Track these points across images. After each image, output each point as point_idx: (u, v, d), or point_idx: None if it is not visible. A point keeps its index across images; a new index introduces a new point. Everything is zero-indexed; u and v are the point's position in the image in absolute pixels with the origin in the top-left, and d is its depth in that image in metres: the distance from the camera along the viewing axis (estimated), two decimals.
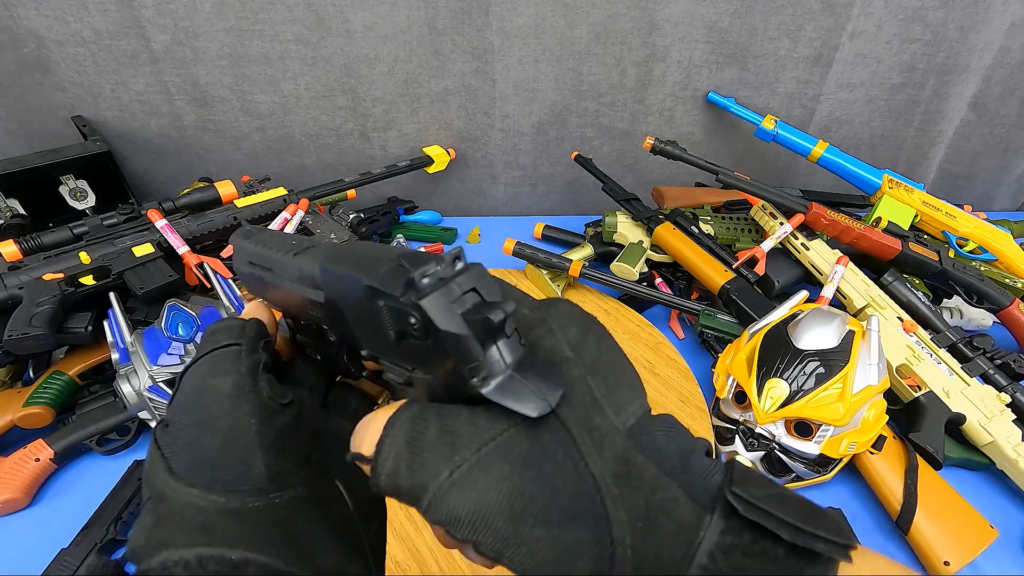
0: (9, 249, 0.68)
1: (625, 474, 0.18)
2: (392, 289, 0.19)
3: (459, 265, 0.19)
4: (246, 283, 0.30)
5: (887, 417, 0.63)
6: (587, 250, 0.91)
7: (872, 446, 0.62)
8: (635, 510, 0.18)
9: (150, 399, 0.60)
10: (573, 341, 0.21)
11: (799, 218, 0.82)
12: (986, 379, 0.70)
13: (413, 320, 0.18)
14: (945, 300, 0.86)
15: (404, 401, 0.21)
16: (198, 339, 0.63)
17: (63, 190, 0.83)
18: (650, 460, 0.19)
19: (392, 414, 0.20)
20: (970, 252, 0.90)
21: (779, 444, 0.60)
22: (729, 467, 0.19)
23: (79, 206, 0.84)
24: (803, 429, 0.60)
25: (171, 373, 0.61)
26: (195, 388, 0.24)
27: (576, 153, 1.00)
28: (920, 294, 0.79)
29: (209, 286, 0.72)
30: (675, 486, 0.18)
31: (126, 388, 0.60)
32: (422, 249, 0.94)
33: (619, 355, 0.22)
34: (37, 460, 0.61)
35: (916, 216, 0.90)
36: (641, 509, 0.18)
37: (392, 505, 0.59)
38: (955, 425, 0.67)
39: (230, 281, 0.72)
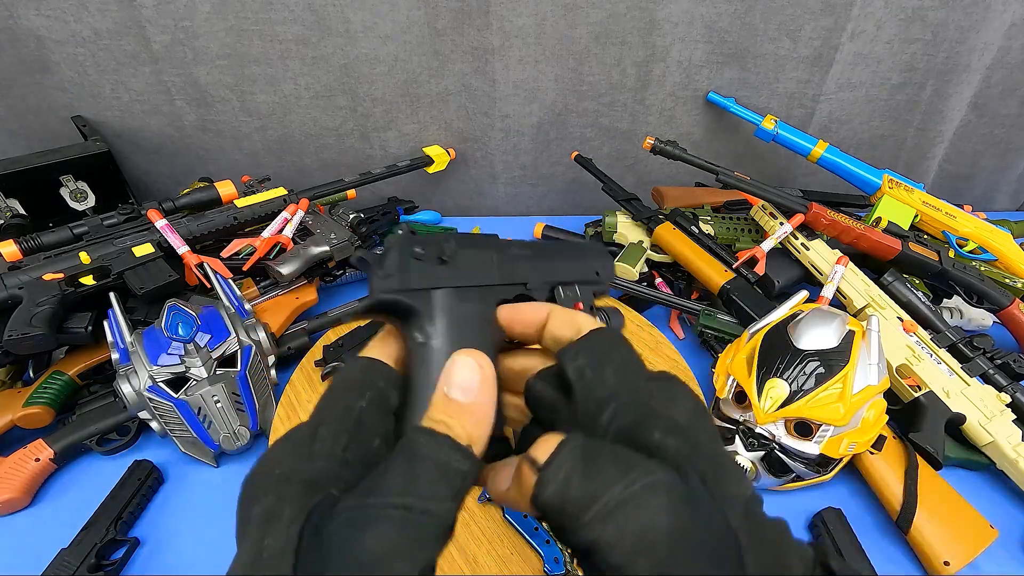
0: (9, 249, 0.68)
1: (752, 534, 0.20)
2: None
3: None
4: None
5: (887, 417, 0.63)
6: None
7: (872, 446, 0.62)
8: (765, 566, 0.19)
9: (150, 399, 0.60)
10: (692, 416, 0.22)
11: (799, 218, 0.82)
12: (986, 379, 0.70)
13: None
14: (945, 300, 0.86)
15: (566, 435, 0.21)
16: (198, 339, 0.63)
17: (63, 192, 0.83)
18: (767, 528, 0.20)
19: (565, 437, 0.21)
20: (970, 252, 0.90)
21: (779, 444, 0.60)
22: (811, 545, 0.21)
23: (79, 207, 0.84)
24: (803, 429, 0.60)
25: (171, 373, 0.61)
26: (372, 558, 0.18)
27: (576, 153, 1.00)
28: (920, 294, 0.79)
29: (209, 286, 0.72)
30: (789, 549, 0.20)
31: (126, 388, 0.60)
32: None
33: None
34: (37, 460, 0.61)
35: (916, 216, 0.90)
36: (770, 566, 0.19)
37: None
38: (955, 425, 0.67)
39: (230, 281, 0.73)
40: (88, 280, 0.70)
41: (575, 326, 0.25)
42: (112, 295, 0.67)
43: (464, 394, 0.22)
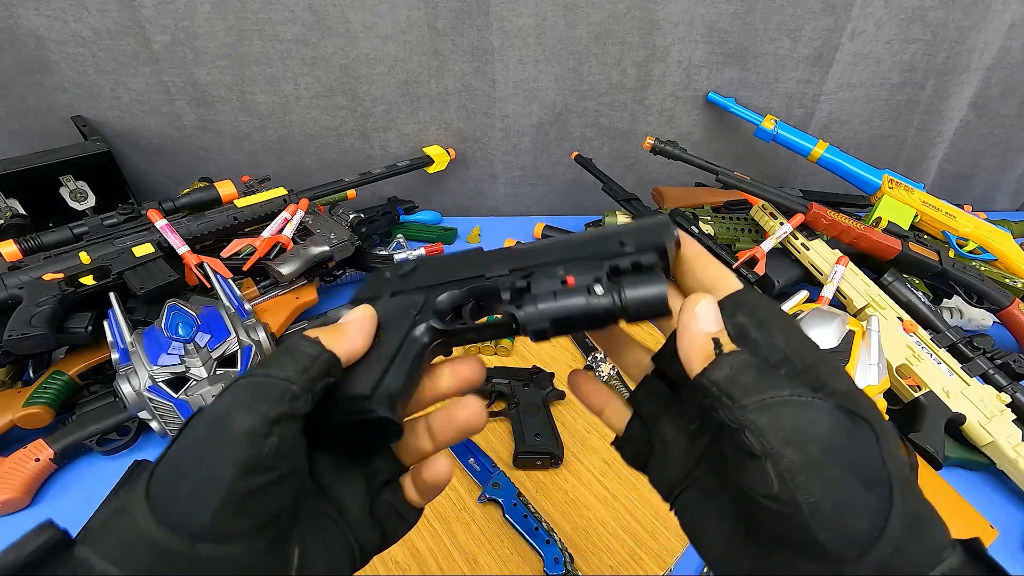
0: (9, 249, 0.68)
1: (907, 484, 0.20)
2: None
3: None
4: None
5: (887, 417, 0.63)
6: None
7: None
8: (909, 512, 0.20)
9: (150, 399, 0.60)
10: (854, 385, 0.23)
11: (799, 218, 0.82)
12: (986, 379, 0.70)
13: None
14: (945, 300, 0.86)
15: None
16: (198, 339, 0.63)
17: (63, 192, 0.83)
18: (919, 491, 0.21)
19: (738, 292, 0.25)
20: (970, 252, 0.90)
21: None
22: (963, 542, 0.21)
23: (79, 207, 0.84)
24: None
25: (171, 373, 0.61)
26: (217, 413, 0.22)
27: (576, 153, 1.00)
28: (920, 294, 0.79)
29: (209, 286, 0.72)
30: (935, 514, 0.21)
31: (126, 388, 0.60)
32: (422, 250, 0.94)
33: None
34: (37, 460, 0.61)
35: (916, 216, 0.90)
36: (913, 513, 0.20)
37: None
38: (955, 425, 0.67)
39: (230, 281, 0.72)
40: (88, 280, 0.70)
41: (720, 277, 0.26)
42: (112, 295, 0.67)
43: (343, 320, 0.28)
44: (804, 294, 0.73)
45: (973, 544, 0.20)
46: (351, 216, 0.91)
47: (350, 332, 0.27)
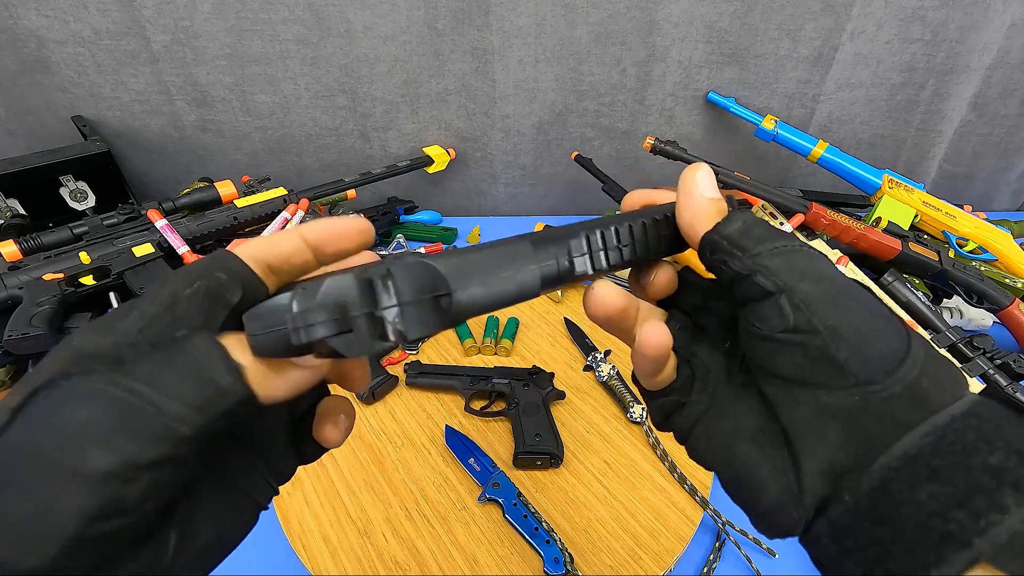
0: (9, 249, 0.68)
1: (916, 334, 0.21)
2: None
3: None
4: None
5: None
6: None
7: None
8: (927, 347, 0.20)
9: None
10: None
11: (799, 218, 0.82)
12: (986, 379, 0.70)
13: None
14: (945, 300, 0.86)
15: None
16: None
17: (63, 191, 0.83)
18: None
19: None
20: (970, 252, 0.90)
21: None
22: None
23: (79, 207, 0.84)
24: None
25: None
26: (62, 436, 0.16)
27: (576, 153, 1.00)
28: (920, 294, 0.79)
29: None
30: (952, 365, 0.21)
31: None
32: (422, 249, 0.94)
33: None
34: None
35: (916, 216, 0.90)
36: (931, 351, 0.20)
37: (393, 505, 0.59)
38: None
39: None
40: (88, 280, 0.70)
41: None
42: (112, 295, 0.67)
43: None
44: None
45: (989, 389, 0.20)
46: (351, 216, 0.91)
47: (287, 366, 0.19)
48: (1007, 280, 0.85)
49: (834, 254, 0.81)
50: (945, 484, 0.17)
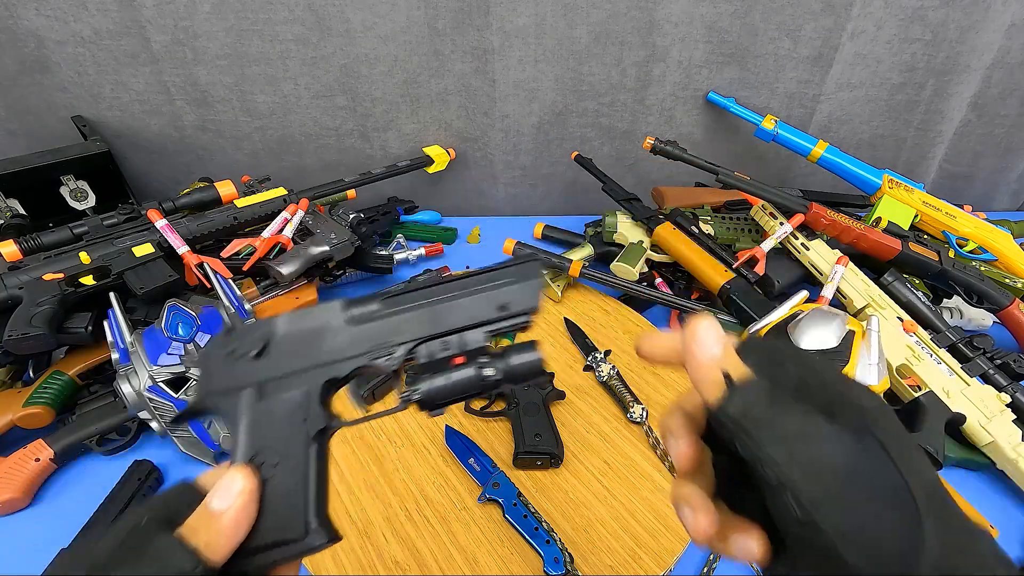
0: (9, 249, 0.68)
1: (934, 500, 0.19)
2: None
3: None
4: None
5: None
6: (587, 250, 0.91)
7: None
8: (945, 531, 0.19)
9: (150, 399, 0.60)
10: (878, 405, 0.22)
11: (799, 218, 0.82)
12: (986, 379, 0.70)
13: None
14: (945, 300, 0.86)
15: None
16: (198, 339, 0.63)
17: (63, 191, 0.83)
18: (953, 507, 0.20)
19: (756, 377, 0.22)
20: (970, 252, 0.90)
21: None
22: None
23: (79, 207, 0.84)
24: None
25: (171, 373, 0.61)
26: None
27: (576, 153, 1.00)
28: (920, 294, 0.79)
29: (209, 286, 0.72)
30: (975, 530, 0.20)
31: (126, 388, 0.60)
32: (422, 250, 0.94)
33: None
34: (37, 460, 0.61)
35: (916, 216, 0.90)
36: (951, 533, 0.19)
37: (393, 505, 0.59)
38: (955, 425, 0.67)
39: (230, 281, 0.72)
40: (88, 280, 0.70)
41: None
42: (112, 295, 0.67)
43: (219, 503, 0.23)
44: (804, 294, 0.73)
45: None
46: (351, 216, 0.91)
47: (229, 526, 0.23)
48: (1007, 280, 0.85)
49: (834, 254, 0.81)
50: None
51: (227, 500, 0.23)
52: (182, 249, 0.73)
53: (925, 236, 0.90)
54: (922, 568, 0.18)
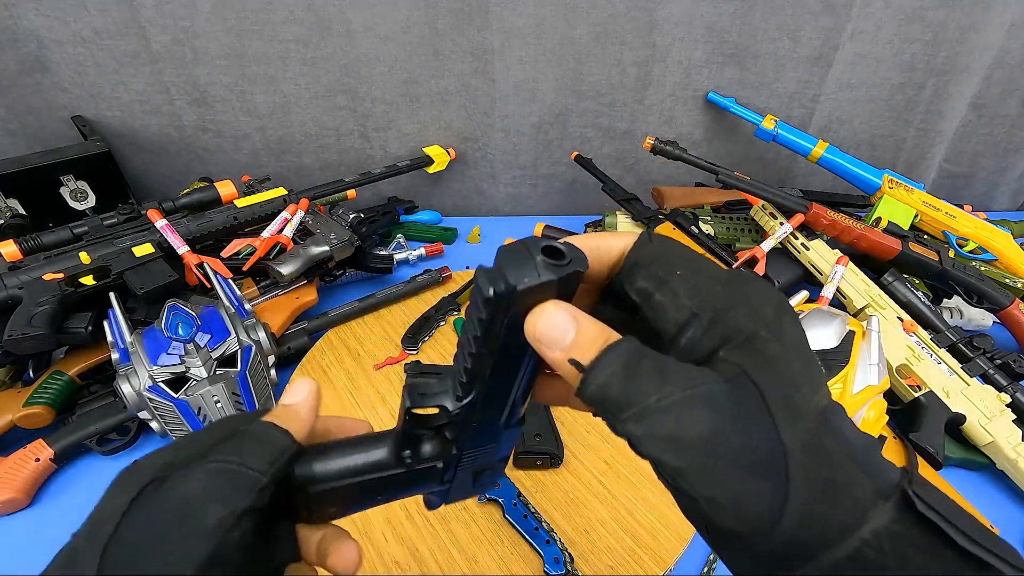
0: (9, 249, 0.68)
1: (813, 449, 0.19)
2: None
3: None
4: None
5: (887, 417, 0.63)
6: None
7: None
8: (816, 480, 0.19)
9: (150, 399, 0.60)
10: (769, 319, 0.21)
11: (799, 218, 0.82)
12: (986, 379, 0.71)
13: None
14: (945, 300, 0.86)
15: (620, 338, 0.22)
16: (198, 339, 0.63)
17: (63, 191, 0.83)
18: (838, 443, 0.20)
19: (614, 341, 0.21)
20: (970, 252, 0.90)
21: None
22: (907, 472, 0.20)
23: (79, 207, 0.84)
24: None
25: (171, 373, 0.61)
26: (188, 499, 0.21)
27: (576, 153, 1.00)
28: (920, 294, 0.79)
29: (209, 286, 0.72)
30: (858, 471, 0.20)
31: (126, 388, 0.60)
32: (422, 250, 0.94)
33: (807, 341, 0.23)
34: (37, 460, 0.61)
35: (916, 216, 0.90)
36: (822, 480, 0.19)
37: (392, 505, 0.59)
38: (955, 425, 0.67)
39: (230, 281, 0.72)
40: (88, 280, 0.70)
41: (613, 242, 0.24)
42: (112, 295, 0.67)
43: (290, 399, 0.28)
44: (804, 294, 0.73)
45: (907, 496, 0.19)
46: (351, 216, 0.91)
47: (303, 412, 0.27)
48: (1007, 280, 0.85)
49: (834, 254, 0.81)
50: None
51: (297, 397, 0.28)
52: (182, 249, 0.73)
53: (925, 236, 0.90)
54: (785, 525, 0.18)
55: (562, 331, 0.21)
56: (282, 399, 0.28)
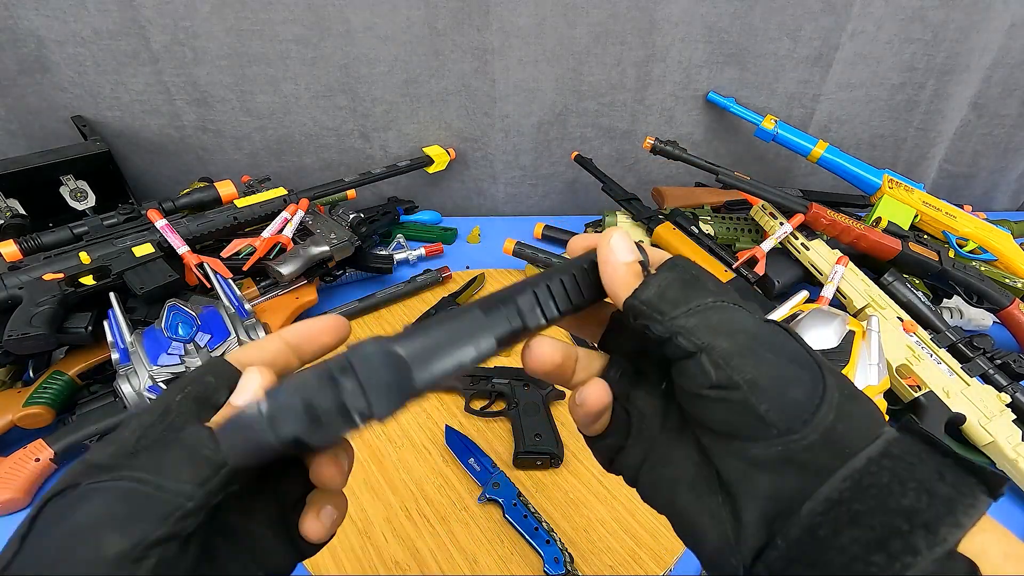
0: (9, 249, 0.68)
1: (836, 372, 0.22)
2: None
3: None
4: None
5: (887, 417, 0.63)
6: None
7: None
8: (843, 388, 0.21)
9: (150, 399, 0.60)
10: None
11: (799, 218, 0.82)
12: (986, 379, 0.70)
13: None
14: (945, 300, 0.86)
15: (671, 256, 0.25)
16: (198, 339, 0.63)
17: (63, 191, 0.83)
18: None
19: (673, 256, 0.24)
20: (970, 252, 0.90)
21: None
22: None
23: (79, 207, 0.84)
24: None
25: (171, 373, 0.61)
26: (82, 526, 0.18)
27: (576, 153, 1.00)
28: (920, 294, 0.79)
29: (209, 286, 0.72)
30: (865, 394, 0.22)
31: (126, 388, 0.60)
32: (422, 250, 0.94)
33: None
34: (37, 460, 0.61)
35: (916, 216, 0.90)
36: (848, 389, 0.21)
37: (393, 505, 0.59)
38: (955, 425, 0.67)
39: (230, 281, 0.72)
40: (88, 280, 0.70)
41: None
42: (112, 295, 0.67)
43: (239, 399, 0.23)
44: (804, 294, 0.73)
45: (905, 421, 0.21)
46: (351, 216, 0.91)
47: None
48: (1007, 280, 0.85)
49: (834, 254, 0.81)
50: (865, 528, 0.18)
51: (246, 394, 0.23)
52: (182, 249, 0.73)
53: (925, 236, 0.90)
54: (824, 414, 0.20)
55: (630, 245, 0.24)
56: (233, 397, 0.23)
